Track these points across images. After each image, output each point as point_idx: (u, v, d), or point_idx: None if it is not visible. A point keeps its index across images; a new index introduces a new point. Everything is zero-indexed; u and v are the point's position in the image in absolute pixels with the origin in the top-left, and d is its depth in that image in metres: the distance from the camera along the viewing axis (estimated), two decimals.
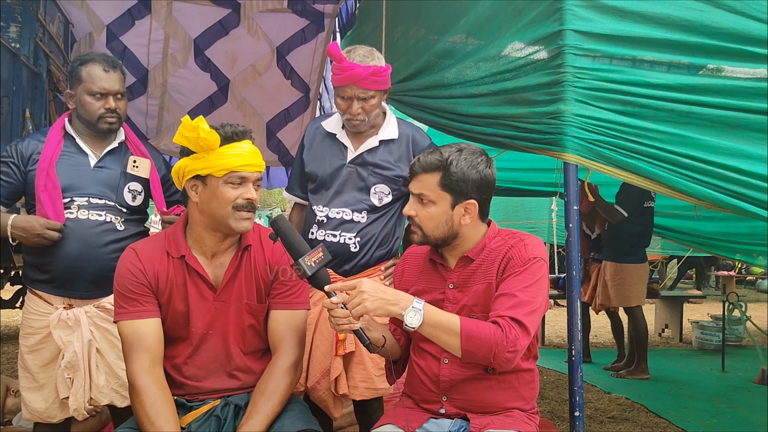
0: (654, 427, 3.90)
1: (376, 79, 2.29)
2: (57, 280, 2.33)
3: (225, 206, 1.83)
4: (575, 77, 2.03)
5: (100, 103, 2.33)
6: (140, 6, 4.58)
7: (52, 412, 2.37)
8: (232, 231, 1.87)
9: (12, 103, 4.02)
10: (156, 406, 1.73)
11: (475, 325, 1.68)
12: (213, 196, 1.84)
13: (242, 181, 1.84)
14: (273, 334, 1.94)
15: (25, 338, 2.37)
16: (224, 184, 1.83)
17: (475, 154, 1.81)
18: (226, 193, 1.83)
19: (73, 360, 2.30)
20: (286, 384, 1.86)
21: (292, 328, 1.94)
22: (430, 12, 2.93)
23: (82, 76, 2.32)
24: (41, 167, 2.30)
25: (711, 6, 2.01)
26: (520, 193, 5.96)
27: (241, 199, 1.84)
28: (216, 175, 1.82)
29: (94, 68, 2.33)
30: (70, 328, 2.32)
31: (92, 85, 2.32)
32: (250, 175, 1.85)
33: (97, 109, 2.33)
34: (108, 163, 2.41)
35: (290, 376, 1.88)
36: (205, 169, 1.82)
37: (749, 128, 2.01)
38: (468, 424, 1.82)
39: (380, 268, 2.45)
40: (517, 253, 1.78)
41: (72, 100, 2.37)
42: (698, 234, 5.72)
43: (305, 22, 4.80)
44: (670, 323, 7.20)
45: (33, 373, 2.36)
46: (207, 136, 1.77)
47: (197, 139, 1.78)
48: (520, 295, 1.71)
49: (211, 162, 1.81)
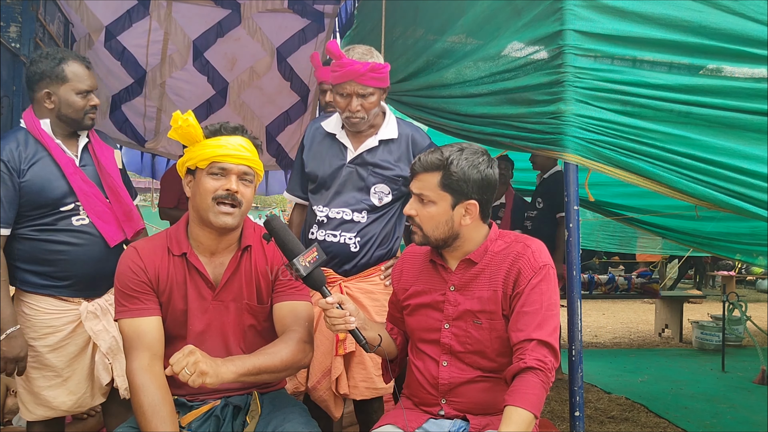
0: (654, 427, 3.90)
1: (375, 76, 2.29)
2: (78, 284, 2.35)
3: (206, 198, 1.82)
4: (575, 77, 2.03)
5: (85, 100, 2.32)
6: (139, 7, 4.58)
7: (84, 401, 2.41)
8: (212, 226, 1.84)
9: (12, 103, 4.02)
10: (154, 405, 1.73)
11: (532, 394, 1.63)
12: (197, 188, 1.85)
13: (224, 173, 1.83)
14: (280, 324, 1.92)
15: (43, 339, 2.33)
16: (206, 176, 1.83)
17: (477, 154, 1.80)
18: (207, 184, 1.82)
19: (113, 345, 2.36)
20: (289, 352, 1.80)
21: (298, 315, 1.92)
22: (429, 12, 2.93)
23: (66, 76, 2.29)
24: (74, 178, 2.29)
25: (710, 7, 2.01)
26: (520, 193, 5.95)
27: (221, 190, 1.81)
28: (200, 167, 1.84)
29: (76, 66, 2.32)
30: (97, 317, 2.36)
31: (79, 83, 2.31)
32: (231, 166, 1.83)
33: (83, 106, 2.33)
34: (86, 161, 2.39)
35: (296, 348, 1.82)
36: (191, 161, 1.84)
37: (749, 128, 2.01)
38: (468, 424, 1.82)
39: (380, 267, 2.45)
40: (527, 263, 1.77)
41: (50, 99, 2.30)
42: (698, 234, 5.71)
43: (305, 22, 4.80)
44: (670, 323, 7.20)
45: (58, 369, 2.36)
46: (184, 124, 1.78)
47: (179, 130, 1.80)
48: (542, 312, 1.72)
49: (196, 153, 1.82)
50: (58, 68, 2.28)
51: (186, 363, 1.59)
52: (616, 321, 8.53)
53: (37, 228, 2.28)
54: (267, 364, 1.75)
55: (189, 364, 1.59)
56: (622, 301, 9.55)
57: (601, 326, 8.04)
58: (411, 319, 1.93)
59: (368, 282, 2.43)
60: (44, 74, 2.28)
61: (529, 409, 1.62)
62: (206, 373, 1.60)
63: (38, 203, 2.26)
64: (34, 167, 2.25)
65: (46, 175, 2.26)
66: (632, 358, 6.05)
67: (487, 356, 1.81)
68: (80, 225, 2.31)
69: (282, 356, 1.78)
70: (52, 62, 2.29)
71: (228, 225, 1.84)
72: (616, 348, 6.65)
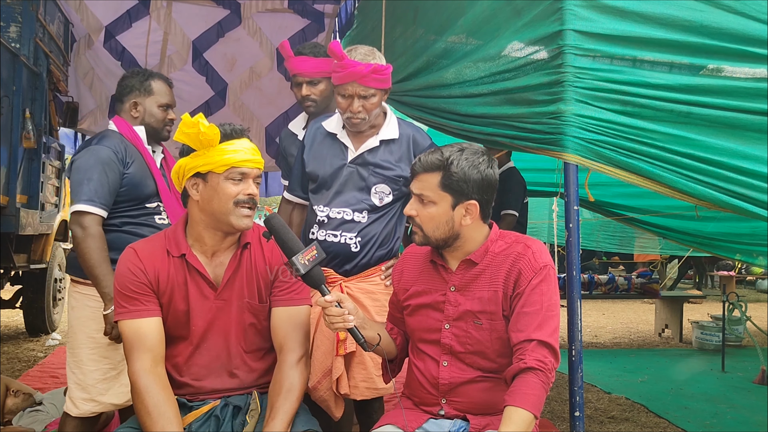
0: (654, 427, 3.90)
1: (377, 77, 2.29)
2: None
3: (226, 202, 1.83)
4: (575, 77, 2.02)
5: (164, 113, 2.60)
6: (139, 7, 4.58)
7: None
8: (233, 228, 1.87)
9: (12, 103, 4.02)
10: (159, 406, 1.73)
11: (532, 395, 1.64)
12: (214, 192, 1.84)
13: (243, 177, 1.85)
14: (277, 332, 1.93)
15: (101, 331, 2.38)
16: (225, 180, 1.83)
17: (477, 154, 1.79)
18: (227, 189, 1.83)
19: None
20: (299, 380, 1.86)
21: (295, 324, 1.93)
22: (429, 12, 2.92)
23: (153, 89, 2.57)
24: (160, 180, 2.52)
25: (711, 6, 2.01)
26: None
27: (242, 194, 1.84)
28: (217, 172, 1.83)
29: (160, 83, 2.61)
30: None
31: (161, 98, 2.59)
32: (250, 171, 1.86)
33: (163, 118, 2.60)
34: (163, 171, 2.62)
35: (301, 371, 1.88)
36: (206, 166, 1.83)
37: (749, 128, 2.01)
38: (468, 424, 1.82)
39: (381, 268, 2.45)
40: (527, 263, 1.77)
41: (136, 109, 2.56)
42: (698, 234, 5.71)
43: (305, 22, 4.80)
44: (670, 323, 7.20)
45: (115, 362, 2.43)
46: (207, 131, 1.78)
47: (197, 135, 1.78)
48: (543, 312, 1.72)
49: (212, 158, 1.82)
50: (146, 83, 2.57)
51: None
52: (616, 321, 8.53)
53: (123, 219, 2.44)
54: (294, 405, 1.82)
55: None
56: (622, 301, 9.56)
57: (601, 326, 8.04)
58: (411, 320, 1.93)
59: (369, 282, 2.43)
60: (133, 87, 2.57)
61: (529, 410, 1.62)
62: None
63: (133, 195, 2.45)
64: (134, 164, 2.46)
65: (141, 172, 2.48)
66: (632, 358, 6.05)
67: (488, 357, 1.81)
68: (161, 224, 2.50)
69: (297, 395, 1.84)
70: (141, 77, 2.58)
71: (249, 227, 1.89)
72: (616, 348, 6.64)
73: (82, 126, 5.01)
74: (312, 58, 2.67)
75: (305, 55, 2.68)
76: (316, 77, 2.68)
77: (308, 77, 2.69)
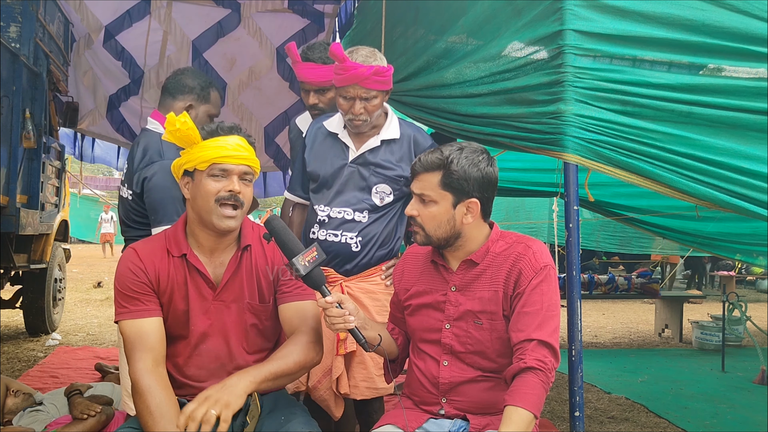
0: (654, 427, 3.90)
1: (379, 79, 2.29)
2: None
3: (208, 200, 1.81)
4: (575, 77, 2.02)
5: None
6: (139, 6, 4.58)
7: None
8: (215, 228, 1.84)
9: (12, 103, 4.01)
10: (161, 406, 1.73)
11: (532, 394, 1.64)
12: (197, 190, 1.83)
13: (225, 174, 1.82)
14: (288, 325, 1.92)
15: None
16: (207, 177, 1.82)
17: (477, 153, 1.80)
18: (208, 186, 1.81)
19: None
20: (300, 353, 1.83)
21: (305, 315, 1.92)
22: (429, 12, 2.92)
23: (210, 98, 2.60)
24: None
25: (712, 5, 2.00)
26: (520, 194, 5.95)
27: (223, 191, 1.81)
28: (200, 169, 1.82)
29: (216, 94, 2.65)
30: None
31: (214, 109, 2.63)
32: (232, 167, 1.82)
33: None
34: None
35: (306, 348, 1.84)
36: (190, 163, 1.83)
37: (750, 128, 2.00)
38: (468, 424, 1.82)
39: (381, 268, 2.45)
40: (528, 263, 1.77)
41: (193, 111, 2.56)
42: (698, 234, 5.71)
43: (305, 22, 4.80)
44: (670, 323, 7.21)
45: None
46: (182, 127, 1.77)
47: (177, 132, 1.79)
48: (543, 312, 1.72)
49: (194, 155, 1.81)
50: (206, 89, 2.60)
51: (205, 410, 1.62)
52: (616, 321, 8.54)
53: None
54: (282, 368, 1.79)
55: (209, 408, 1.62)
56: (622, 301, 9.57)
57: (601, 326, 8.04)
58: (412, 320, 1.93)
59: (369, 282, 2.43)
60: (194, 89, 2.57)
61: (529, 409, 1.62)
62: (228, 403, 1.64)
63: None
64: None
65: None
66: (632, 358, 6.05)
67: (488, 356, 1.81)
68: None
69: (294, 358, 1.82)
70: (203, 83, 2.60)
71: (231, 228, 1.85)
72: (616, 348, 6.65)
73: (82, 126, 5.01)
74: (320, 66, 2.58)
75: (313, 61, 2.61)
76: (325, 86, 2.61)
77: (316, 86, 2.63)
